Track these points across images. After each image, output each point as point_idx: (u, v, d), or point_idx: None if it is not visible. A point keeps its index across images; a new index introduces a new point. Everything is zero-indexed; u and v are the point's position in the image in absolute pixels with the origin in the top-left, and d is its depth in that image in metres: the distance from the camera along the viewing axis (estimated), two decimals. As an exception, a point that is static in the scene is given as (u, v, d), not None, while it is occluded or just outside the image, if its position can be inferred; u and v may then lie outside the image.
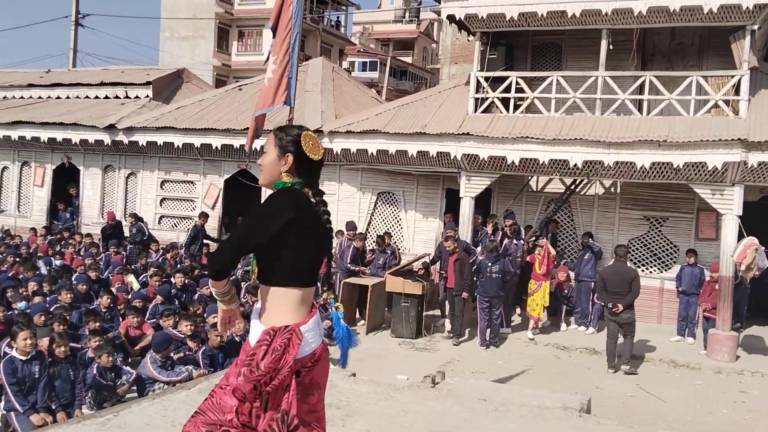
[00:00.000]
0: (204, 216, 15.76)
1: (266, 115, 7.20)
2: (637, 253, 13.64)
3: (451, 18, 13.71)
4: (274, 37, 6.94)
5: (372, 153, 13.95)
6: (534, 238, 13.23)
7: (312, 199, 3.01)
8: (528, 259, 12.71)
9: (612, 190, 14.04)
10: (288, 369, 2.86)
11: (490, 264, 11.61)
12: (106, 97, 19.13)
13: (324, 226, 3.02)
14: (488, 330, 11.62)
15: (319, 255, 3.03)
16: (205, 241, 15.42)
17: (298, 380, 2.94)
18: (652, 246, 13.66)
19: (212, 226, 16.62)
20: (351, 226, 14.16)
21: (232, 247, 2.91)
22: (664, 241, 13.60)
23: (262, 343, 2.89)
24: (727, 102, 12.08)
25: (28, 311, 9.02)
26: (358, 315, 13.01)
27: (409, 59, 55.87)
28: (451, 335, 11.86)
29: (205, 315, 9.79)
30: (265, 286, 2.95)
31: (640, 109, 12.80)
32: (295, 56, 6.60)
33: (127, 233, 16.05)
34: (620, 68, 13.15)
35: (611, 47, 12.72)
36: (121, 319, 9.86)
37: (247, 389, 2.85)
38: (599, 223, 13.98)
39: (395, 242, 14.65)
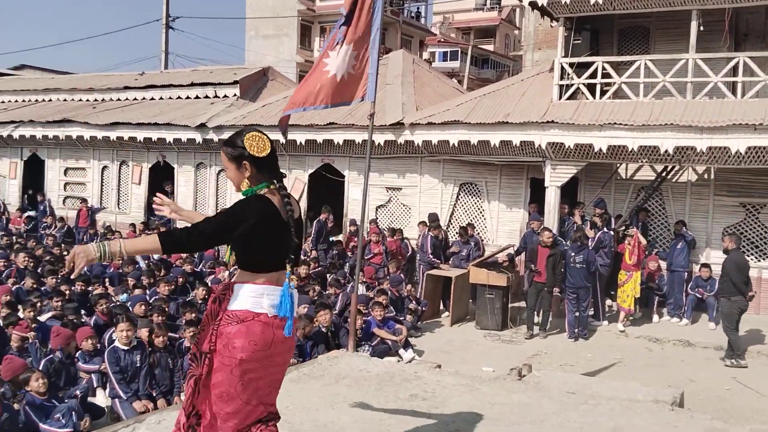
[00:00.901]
0: (327, 210, 15.39)
1: (291, 116, 7.07)
2: (733, 242, 13.06)
3: (533, 4, 13.51)
4: (344, 24, 6.91)
5: (453, 144, 13.91)
6: (623, 228, 12.89)
7: (278, 194, 3.28)
8: (618, 249, 12.39)
9: (705, 176, 13.49)
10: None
11: (573, 254, 11.39)
12: (197, 97, 19.85)
13: (291, 218, 3.27)
14: (577, 322, 11.38)
15: (286, 244, 3.28)
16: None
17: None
18: (749, 234, 13.04)
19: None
20: (433, 217, 14.16)
21: (198, 237, 3.10)
22: (762, 229, 12.96)
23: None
24: (831, 80, 11.41)
25: (129, 303, 9.54)
26: (442, 307, 13.03)
27: (490, 47, 55.16)
28: (532, 333, 11.52)
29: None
30: (241, 270, 3.32)
31: (734, 92, 12.23)
32: (376, 52, 6.65)
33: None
34: (712, 50, 12.61)
35: (702, 28, 12.22)
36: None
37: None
38: (692, 211, 13.46)
39: (478, 233, 14.57)
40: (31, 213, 20.48)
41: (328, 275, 12.90)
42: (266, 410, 3.33)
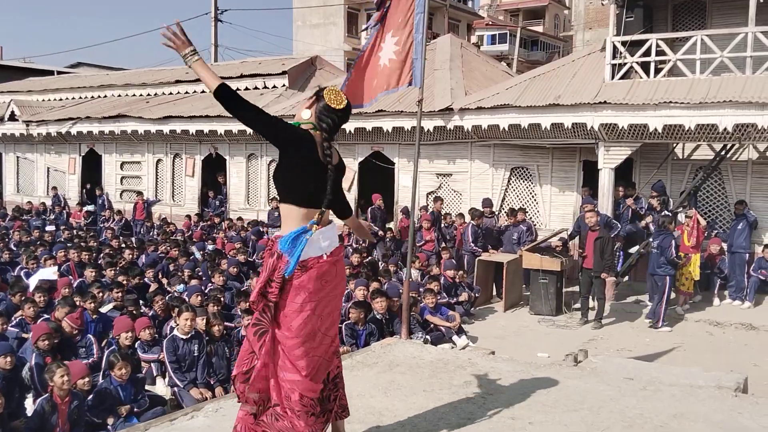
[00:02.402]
0: (439, 199, 15.02)
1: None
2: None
3: (582, -17, 13.18)
4: (377, 10, 6.86)
5: (504, 128, 13.74)
6: (680, 209, 12.55)
7: (320, 137, 3.52)
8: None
9: (767, 154, 13.01)
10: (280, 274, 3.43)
11: (651, 238, 11.18)
12: (246, 89, 20.06)
13: (329, 162, 3.52)
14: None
15: (322, 185, 3.48)
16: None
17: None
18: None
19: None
20: (487, 203, 14.01)
21: (249, 108, 3.41)
22: (830, 207, 12.46)
23: (266, 248, 3.64)
24: None
25: (185, 294, 9.72)
26: (494, 292, 12.92)
27: (540, 28, 54.28)
28: (585, 320, 11.17)
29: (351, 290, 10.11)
30: (280, 203, 3.60)
31: (797, 65, 11.74)
32: (420, 36, 6.57)
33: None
34: (773, 22, 12.11)
35: (761, 0, 11.73)
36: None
37: (253, 297, 3.52)
38: (754, 191, 13.02)
39: (530, 218, 14.39)
40: (90, 207, 21.09)
41: (380, 264, 12.93)
42: (332, 344, 3.65)
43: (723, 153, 12.90)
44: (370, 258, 13.31)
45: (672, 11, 14.40)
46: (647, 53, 12.72)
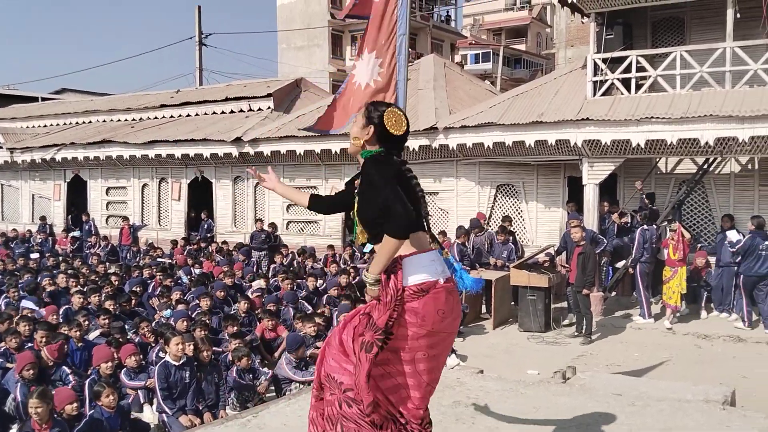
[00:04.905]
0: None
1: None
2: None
3: (563, 1, 13.41)
4: (367, 29, 6.90)
5: (488, 146, 13.82)
6: (665, 223, 12.64)
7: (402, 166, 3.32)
8: (661, 245, 12.15)
9: (749, 166, 13.16)
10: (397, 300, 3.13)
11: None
12: (231, 112, 20.07)
13: (414, 188, 3.33)
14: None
15: (417, 209, 3.28)
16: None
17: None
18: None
19: (336, 228, 17.10)
20: (474, 223, 13.93)
21: (401, 211, 3.08)
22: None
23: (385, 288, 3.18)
24: None
25: (171, 318, 9.65)
26: (484, 309, 12.92)
27: (522, 47, 54.77)
28: (577, 334, 11.27)
29: (335, 316, 10.07)
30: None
31: (776, 79, 11.91)
32: (402, 58, 6.63)
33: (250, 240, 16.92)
34: (750, 37, 12.31)
35: (738, 15, 11.97)
36: (258, 323, 10.31)
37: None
38: (737, 203, 13.15)
39: (518, 234, 14.42)
40: (76, 233, 20.92)
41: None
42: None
43: (705, 167, 13.03)
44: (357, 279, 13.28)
45: (651, 28, 14.60)
46: (628, 70, 12.88)
